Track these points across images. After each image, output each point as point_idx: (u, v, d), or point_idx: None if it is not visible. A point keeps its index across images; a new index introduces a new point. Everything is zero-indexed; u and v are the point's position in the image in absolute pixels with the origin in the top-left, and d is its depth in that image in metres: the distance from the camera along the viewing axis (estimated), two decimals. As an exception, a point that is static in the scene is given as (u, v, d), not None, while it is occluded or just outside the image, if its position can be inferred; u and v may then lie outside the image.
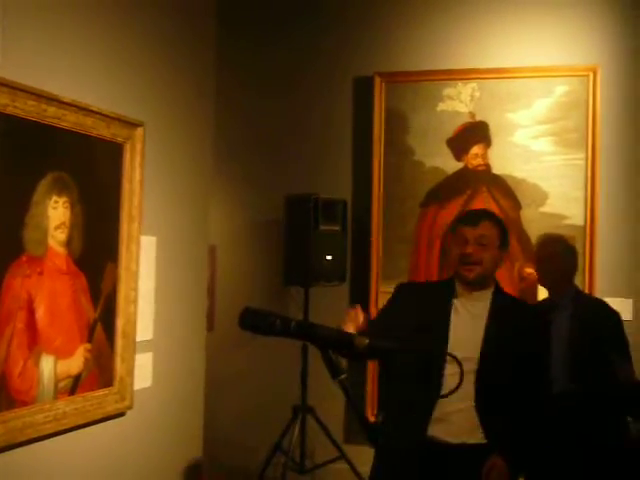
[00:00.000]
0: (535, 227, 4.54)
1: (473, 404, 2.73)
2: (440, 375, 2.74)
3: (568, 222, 4.48)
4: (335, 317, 4.91)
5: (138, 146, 3.01)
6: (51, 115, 2.59)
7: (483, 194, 4.69)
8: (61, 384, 2.69)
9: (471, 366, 2.72)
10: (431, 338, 2.78)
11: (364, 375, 4.72)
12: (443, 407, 2.73)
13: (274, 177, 5.11)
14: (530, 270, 4.59)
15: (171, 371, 3.32)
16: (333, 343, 1.54)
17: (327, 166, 5.04)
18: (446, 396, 2.25)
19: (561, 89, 4.53)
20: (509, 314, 2.83)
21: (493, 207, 4.61)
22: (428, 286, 3.37)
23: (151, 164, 3.10)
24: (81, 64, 2.76)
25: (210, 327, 4.82)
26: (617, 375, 3.37)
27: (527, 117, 4.60)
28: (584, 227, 4.44)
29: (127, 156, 2.98)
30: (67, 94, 2.63)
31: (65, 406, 2.69)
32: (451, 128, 4.75)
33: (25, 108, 2.48)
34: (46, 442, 2.59)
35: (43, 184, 2.59)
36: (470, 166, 4.73)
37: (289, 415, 4.81)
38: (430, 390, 2.73)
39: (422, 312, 2.85)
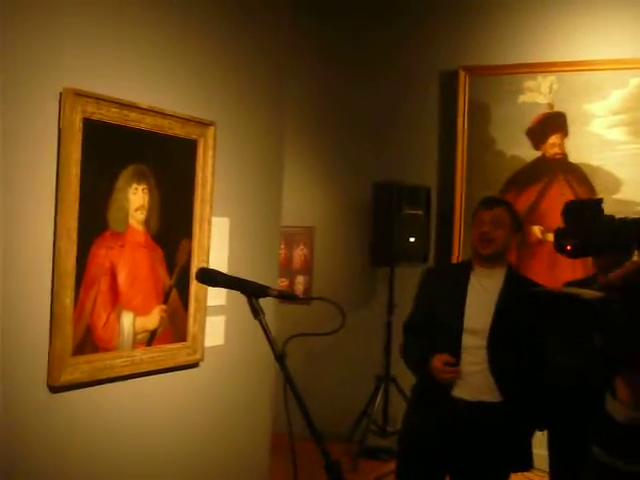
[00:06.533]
0: (608, 214, 4.71)
1: (488, 367, 3.13)
2: (458, 343, 3.17)
3: (640, 209, 4.62)
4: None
5: (210, 142, 3.53)
6: (132, 119, 3.15)
7: (560, 181, 4.91)
8: (139, 336, 3.27)
9: (484, 334, 3.14)
10: (451, 310, 3.21)
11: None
12: (462, 370, 3.16)
13: (367, 164, 5.56)
14: (603, 255, 4.75)
15: (243, 334, 3.82)
16: (255, 293, 2.12)
17: (414, 154, 5.43)
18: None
19: (635, 81, 4.67)
20: (519, 290, 3.17)
21: (569, 194, 4.84)
22: (450, 267, 3.76)
23: (224, 155, 3.61)
24: (157, 72, 3.27)
25: (307, 302, 5.34)
26: None
27: (602, 108, 4.77)
28: (655, 214, 4.57)
29: (200, 150, 3.50)
30: (145, 101, 3.19)
31: (142, 354, 3.27)
32: (530, 119, 5.01)
33: (109, 114, 3.04)
34: (123, 383, 3.14)
35: (125, 174, 3.17)
36: (548, 155, 4.96)
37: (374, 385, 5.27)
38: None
39: (445, 289, 3.28)
